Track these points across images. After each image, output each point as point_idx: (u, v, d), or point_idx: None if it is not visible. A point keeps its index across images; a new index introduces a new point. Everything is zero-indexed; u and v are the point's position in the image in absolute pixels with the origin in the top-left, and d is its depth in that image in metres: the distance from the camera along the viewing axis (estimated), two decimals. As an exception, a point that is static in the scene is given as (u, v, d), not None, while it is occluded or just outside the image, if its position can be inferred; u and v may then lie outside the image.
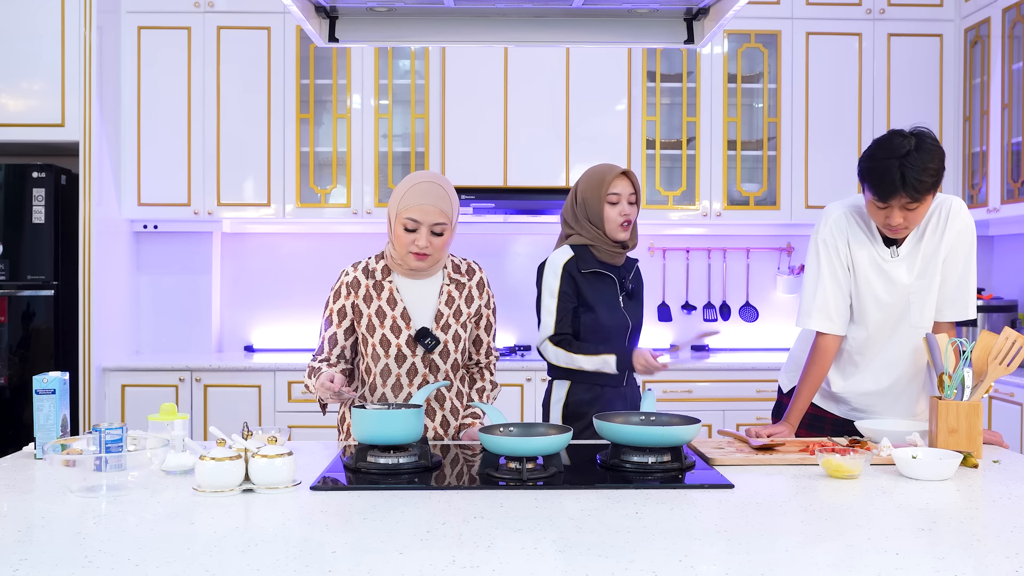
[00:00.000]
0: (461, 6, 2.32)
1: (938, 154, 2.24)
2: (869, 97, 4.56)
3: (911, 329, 2.41)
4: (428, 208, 2.28)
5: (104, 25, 4.22)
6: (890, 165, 2.21)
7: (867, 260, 2.40)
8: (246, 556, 1.41)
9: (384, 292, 2.37)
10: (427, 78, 4.48)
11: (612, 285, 2.65)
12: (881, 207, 2.27)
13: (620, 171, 2.64)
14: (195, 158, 4.47)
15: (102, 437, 1.84)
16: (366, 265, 2.41)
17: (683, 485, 1.89)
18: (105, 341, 4.22)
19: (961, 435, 2.14)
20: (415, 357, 2.36)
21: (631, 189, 2.65)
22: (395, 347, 2.35)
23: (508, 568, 1.36)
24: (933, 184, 2.23)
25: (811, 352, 2.45)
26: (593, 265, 2.64)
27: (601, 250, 2.65)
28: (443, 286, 2.40)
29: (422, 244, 2.29)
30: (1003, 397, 3.80)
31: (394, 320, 2.35)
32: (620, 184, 2.63)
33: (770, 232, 4.84)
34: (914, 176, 2.19)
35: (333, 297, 2.40)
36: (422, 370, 2.37)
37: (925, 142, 2.23)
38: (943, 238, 2.37)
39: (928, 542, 1.51)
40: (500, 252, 4.86)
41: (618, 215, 2.62)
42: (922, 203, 2.25)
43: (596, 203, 2.62)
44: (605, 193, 2.61)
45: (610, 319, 2.62)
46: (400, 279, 2.39)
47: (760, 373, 4.29)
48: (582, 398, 2.62)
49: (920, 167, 2.20)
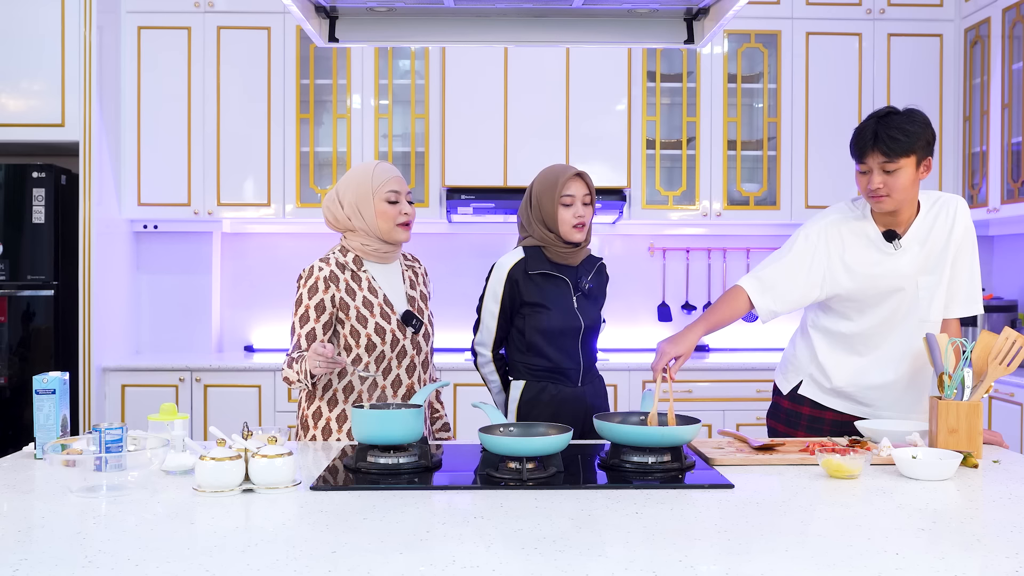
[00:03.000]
0: (461, 6, 2.32)
1: (918, 120, 2.31)
2: (869, 97, 4.56)
3: (919, 323, 2.41)
4: (400, 179, 2.47)
5: (104, 25, 4.22)
6: (868, 124, 2.32)
7: (867, 254, 2.40)
8: (246, 556, 1.41)
9: (363, 282, 2.44)
10: (427, 78, 4.48)
11: (564, 286, 2.62)
12: (862, 172, 2.34)
13: (574, 172, 2.61)
14: (195, 158, 4.47)
15: (102, 437, 1.84)
16: (336, 260, 2.45)
17: (683, 485, 1.89)
18: (105, 341, 4.22)
19: (961, 435, 2.14)
20: (405, 340, 2.45)
21: (585, 190, 2.61)
22: (389, 333, 2.41)
23: (508, 568, 1.36)
24: (907, 145, 2.28)
25: (725, 295, 2.45)
26: (543, 266, 2.62)
27: (552, 251, 2.63)
28: (403, 271, 2.54)
29: (409, 211, 2.45)
30: (1003, 397, 3.80)
31: (381, 307, 2.42)
32: (574, 186, 2.59)
33: (770, 232, 4.84)
34: (886, 132, 2.27)
35: (308, 293, 2.41)
36: (410, 351, 2.46)
37: (909, 111, 2.33)
38: (951, 235, 2.39)
39: (928, 542, 1.51)
40: (500, 252, 4.80)
41: (572, 217, 2.59)
42: (899, 166, 2.29)
43: (550, 205, 2.59)
44: (559, 195, 2.58)
45: (560, 320, 2.58)
46: (373, 267, 2.48)
47: (760, 373, 4.29)
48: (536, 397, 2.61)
49: (895, 126, 2.28)
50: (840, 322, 2.47)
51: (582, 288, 2.65)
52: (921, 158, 2.30)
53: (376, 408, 2.09)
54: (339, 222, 2.48)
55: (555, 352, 2.60)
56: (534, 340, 2.60)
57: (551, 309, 2.59)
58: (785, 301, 2.42)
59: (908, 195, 2.34)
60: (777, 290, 2.41)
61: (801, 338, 2.61)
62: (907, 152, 2.27)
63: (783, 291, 2.42)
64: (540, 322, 2.59)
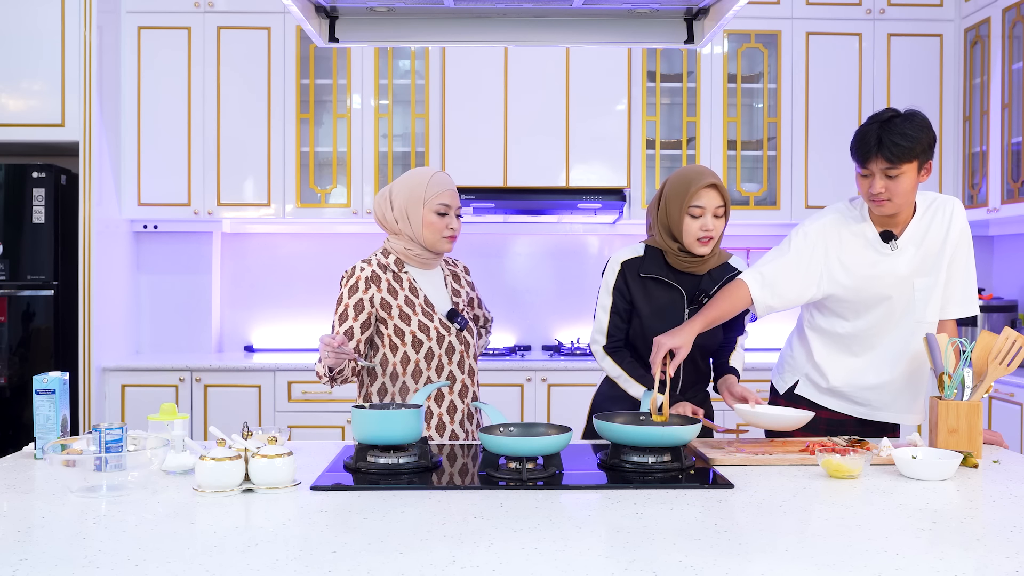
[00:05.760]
0: (461, 6, 2.32)
1: (920, 124, 2.30)
2: (869, 97, 4.56)
3: (915, 324, 2.42)
4: (453, 193, 2.50)
5: (104, 25, 4.22)
6: (870, 129, 2.31)
7: (864, 254, 2.41)
8: (246, 556, 1.41)
9: (404, 283, 2.47)
10: (427, 78, 4.48)
11: (677, 296, 2.48)
12: (864, 175, 2.33)
13: (708, 182, 2.41)
14: (195, 158, 4.47)
15: (102, 437, 1.84)
16: (378, 261, 2.48)
17: (683, 485, 1.89)
18: (105, 341, 4.22)
19: (961, 435, 2.14)
20: (451, 336, 2.46)
21: (719, 202, 2.43)
22: (434, 330, 2.44)
23: (508, 568, 1.36)
24: (910, 151, 2.27)
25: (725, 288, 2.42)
26: (658, 271, 2.47)
27: (673, 257, 2.47)
28: (445, 276, 2.56)
29: (456, 225, 2.49)
30: (1003, 397, 3.80)
31: (423, 307, 2.45)
32: (706, 196, 2.41)
33: (770, 232, 4.83)
34: (889, 138, 2.26)
35: (348, 292, 2.43)
36: (459, 347, 2.48)
37: (911, 114, 2.32)
38: (947, 236, 2.40)
39: (928, 542, 1.51)
40: (500, 252, 4.86)
41: (699, 229, 2.42)
42: (901, 171, 2.28)
43: (676, 212, 2.43)
44: (687, 204, 2.41)
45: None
46: (413, 270, 2.51)
47: (759, 373, 4.28)
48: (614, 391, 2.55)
49: (898, 132, 2.27)
50: (837, 322, 2.48)
51: (700, 300, 2.48)
52: (923, 162, 2.31)
53: (376, 408, 2.09)
54: (387, 222, 2.50)
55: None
56: (636, 345, 2.52)
57: (654, 318, 2.46)
58: (783, 298, 2.42)
59: (909, 199, 2.34)
60: (777, 287, 2.41)
61: (798, 338, 2.61)
62: (910, 158, 2.28)
63: (783, 288, 2.42)
64: (641, 328, 2.48)
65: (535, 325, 4.84)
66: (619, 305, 2.51)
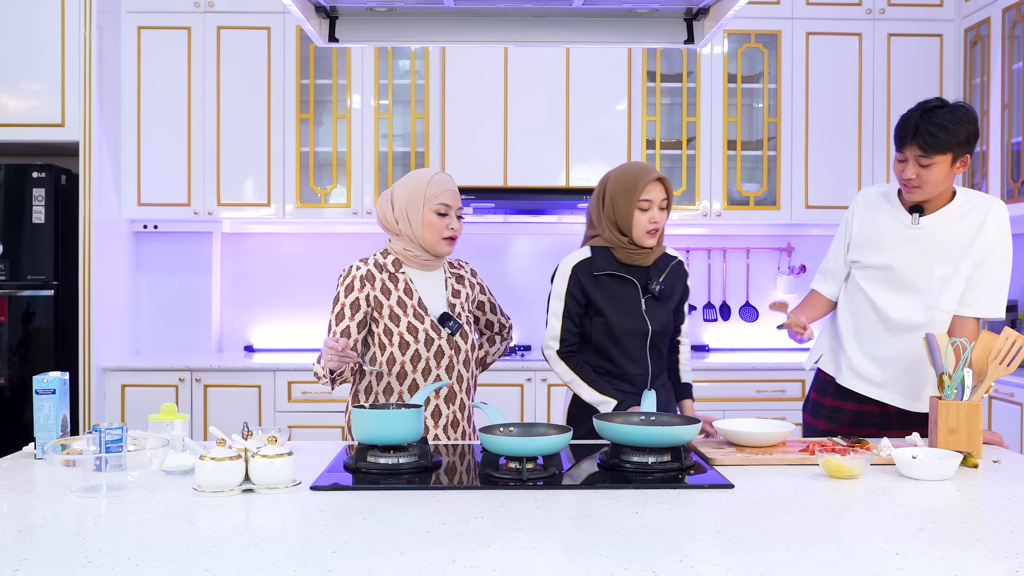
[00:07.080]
0: (461, 6, 2.32)
1: (961, 118, 2.33)
2: (869, 97, 4.56)
3: (928, 310, 2.46)
4: (454, 193, 2.50)
5: (104, 25, 4.22)
6: (912, 115, 2.37)
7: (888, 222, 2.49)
8: (246, 556, 1.41)
9: (400, 283, 2.46)
10: (427, 78, 4.48)
11: (632, 288, 2.53)
12: (900, 160, 2.40)
13: (655, 176, 2.49)
14: (195, 158, 4.47)
15: (102, 437, 1.84)
16: (375, 261, 2.48)
17: (683, 485, 1.89)
18: (105, 341, 4.22)
19: (961, 435, 2.14)
20: (441, 340, 2.44)
21: (664, 195, 2.51)
22: (422, 332, 2.42)
23: (508, 568, 1.36)
24: (945, 143, 2.31)
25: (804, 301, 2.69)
26: (611, 267, 2.52)
27: (621, 252, 2.53)
28: (446, 279, 2.54)
29: (456, 226, 2.47)
30: (1003, 397, 3.80)
31: (415, 308, 2.44)
32: (654, 190, 2.49)
33: (770, 232, 4.84)
34: (926, 127, 2.31)
35: (345, 291, 2.44)
36: (448, 352, 2.45)
37: (956, 106, 2.36)
38: (979, 233, 2.42)
39: (928, 542, 1.51)
40: (500, 252, 4.86)
41: (647, 222, 2.49)
42: (933, 161, 2.33)
43: (625, 207, 2.49)
44: (637, 199, 2.47)
45: (625, 324, 2.49)
46: (411, 271, 2.49)
47: (760, 373, 4.29)
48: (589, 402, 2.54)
49: (937, 123, 2.31)
50: (859, 297, 2.55)
51: (652, 290, 2.54)
52: (958, 155, 2.35)
53: (376, 408, 2.09)
54: (388, 223, 2.50)
55: (621, 356, 2.51)
56: (601, 343, 2.52)
57: (615, 313, 2.50)
58: (837, 277, 2.61)
59: (939, 188, 2.40)
60: (828, 269, 2.63)
61: (829, 318, 2.71)
62: (944, 150, 2.32)
63: (833, 268, 2.62)
64: (605, 325, 2.50)
65: (535, 325, 4.83)
66: (571, 309, 2.53)
